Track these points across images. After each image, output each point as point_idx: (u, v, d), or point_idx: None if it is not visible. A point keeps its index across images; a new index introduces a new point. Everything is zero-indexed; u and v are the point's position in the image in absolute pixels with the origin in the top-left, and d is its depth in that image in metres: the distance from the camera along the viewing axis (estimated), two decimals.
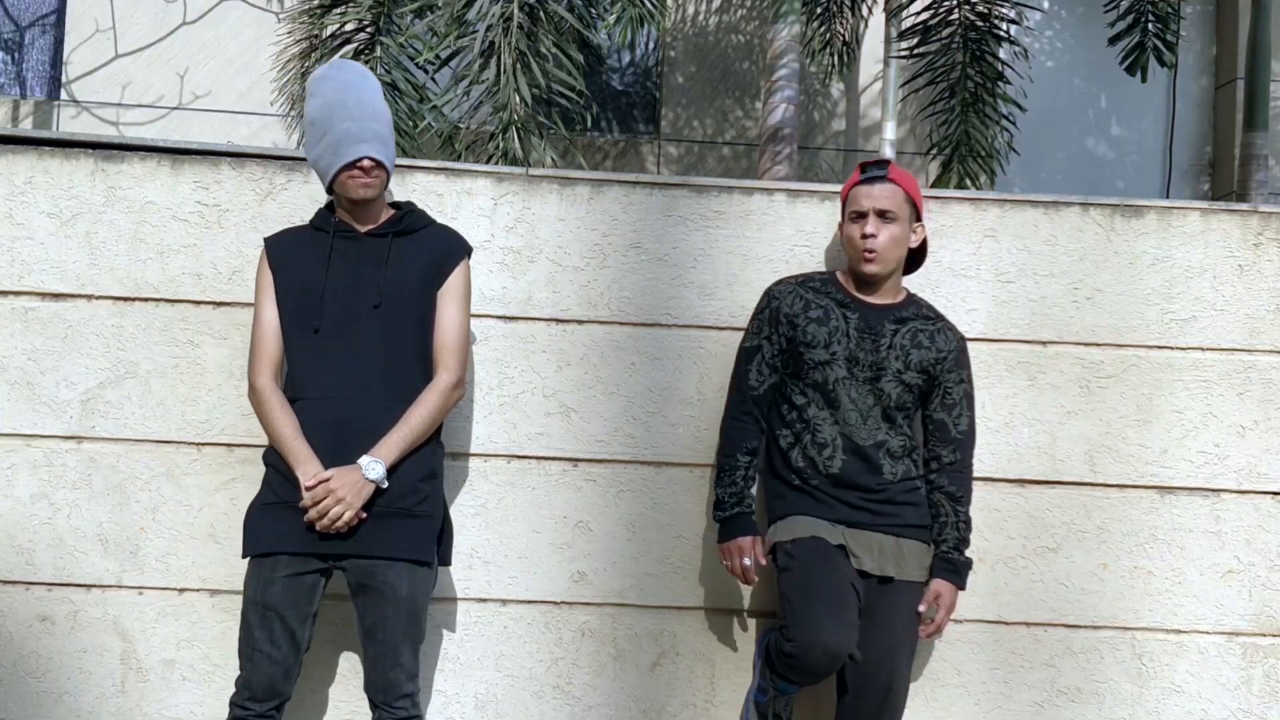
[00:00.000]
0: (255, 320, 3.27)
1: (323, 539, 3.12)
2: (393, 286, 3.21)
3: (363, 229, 3.27)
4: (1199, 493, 3.72)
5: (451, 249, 3.31)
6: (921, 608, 3.34)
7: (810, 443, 3.34)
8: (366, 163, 3.18)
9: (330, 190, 3.26)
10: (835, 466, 3.32)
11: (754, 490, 3.45)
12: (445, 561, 3.31)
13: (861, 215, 3.37)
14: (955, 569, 3.38)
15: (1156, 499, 3.72)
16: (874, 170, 3.40)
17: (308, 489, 3.09)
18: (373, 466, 3.11)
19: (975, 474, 3.65)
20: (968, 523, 3.40)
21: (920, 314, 3.43)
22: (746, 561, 3.35)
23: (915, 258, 3.52)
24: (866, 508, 3.32)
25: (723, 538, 3.40)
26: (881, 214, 3.35)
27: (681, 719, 3.64)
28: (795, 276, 3.49)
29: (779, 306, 3.42)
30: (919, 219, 3.44)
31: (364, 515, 3.11)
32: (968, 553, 3.41)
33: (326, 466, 3.11)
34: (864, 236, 3.35)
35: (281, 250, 3.30)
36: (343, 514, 3.08)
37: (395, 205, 3.36)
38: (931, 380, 3.39)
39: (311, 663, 3.57)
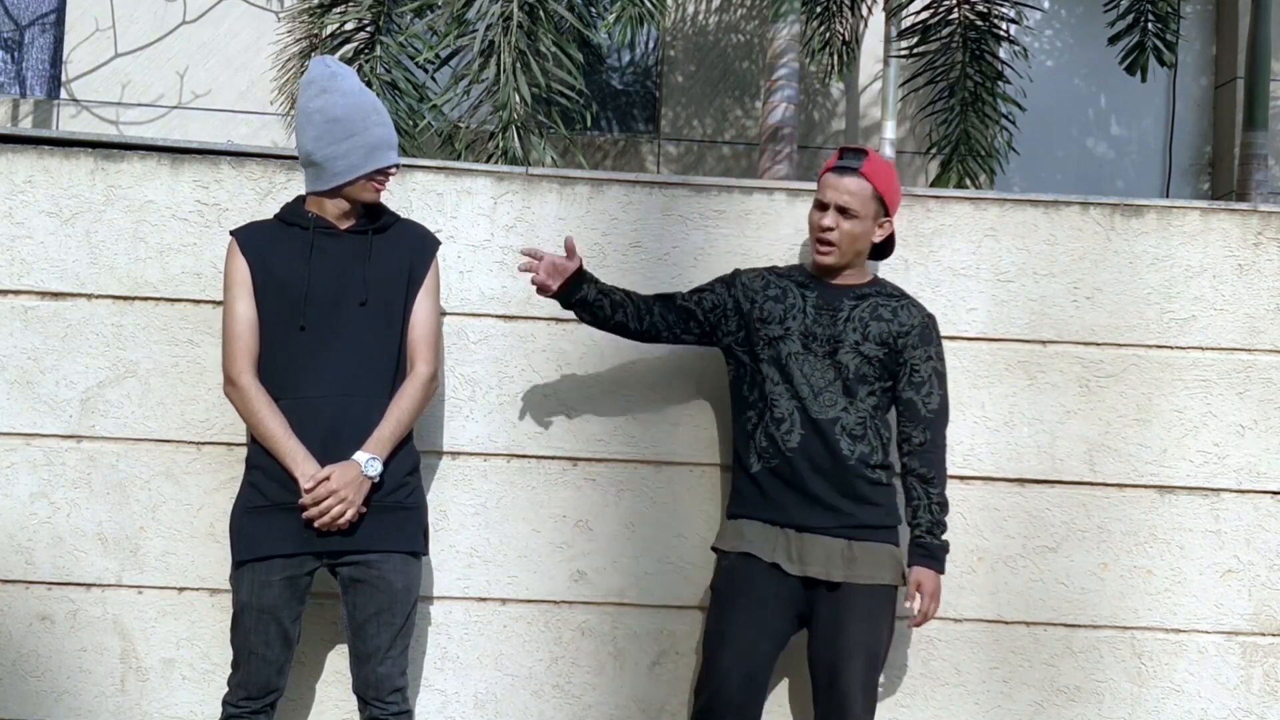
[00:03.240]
0: (229, 314, 3.21)
1: (319, 537, 3.12)
2: (378, 284, 3.21)
3: (342, 226, 3.24)
4: (1199, 492, 3.72)
5: (425, 244, 3.31)
6: (906, 603, 3.30)
7: (770, 419, 3.30)
8: (393, 169, 3.23)
9: (336, 190, 3.20)
10: (794, 441, 3.27)
11: (605, 297, 3.33)
12: (425, 551, 3.33)
13: (824, 206, 3.34)
14: (930, 554, 3.29)
15: (1156, 498, 3.72)
16: (849, 160, 3.35)
17: (307, 490, 3.09)
18: (371, 463, 3.11)
19: (975, 473, 3.65)
20: (942, 505, 3.31)
21: (884, 292, 3.39)
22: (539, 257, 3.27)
23: (883, 248, 3.46)
24: (820, 501, 3.26)
25: None
26: (842, 210, 3.31)
27: (681, 718, 3.64)
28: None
29: (737, 275, 3.44)
30: (888, 215, 3.37)
31: (364, 509, 3.12)
32: (945, 536, 3.32)
33: (320, 465, 3.11)
34: (822, 229, 3.33)
35: (255, 244, 3.23)
36: (345, 512, 3.09)
37: None
38: (894, 355, 3.31)
39: (310, 662, 3.57)
